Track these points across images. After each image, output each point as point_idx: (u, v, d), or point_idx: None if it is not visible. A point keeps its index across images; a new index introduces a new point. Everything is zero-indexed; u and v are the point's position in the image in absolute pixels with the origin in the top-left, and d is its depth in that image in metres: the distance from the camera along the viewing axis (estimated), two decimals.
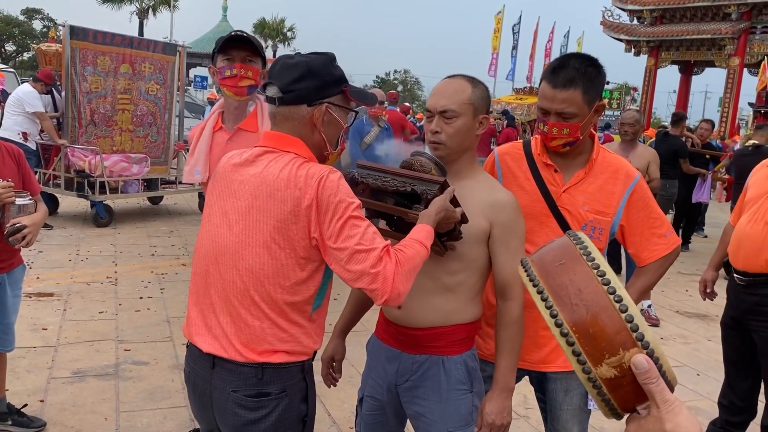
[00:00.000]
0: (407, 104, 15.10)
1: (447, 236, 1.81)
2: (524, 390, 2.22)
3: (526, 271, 0.92)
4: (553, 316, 0.84)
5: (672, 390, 0.81)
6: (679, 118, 8.18)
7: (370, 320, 2.22)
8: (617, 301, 0.81)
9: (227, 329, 1.67)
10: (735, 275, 3.08)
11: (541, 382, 2.21)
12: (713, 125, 9.88)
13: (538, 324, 2.01)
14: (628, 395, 0.81)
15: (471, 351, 1.96)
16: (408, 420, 2.05)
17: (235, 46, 2.47)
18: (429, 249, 1.68)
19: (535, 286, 0.88)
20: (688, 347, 5.17)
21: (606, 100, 2.18)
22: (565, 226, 2.06)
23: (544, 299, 0.86)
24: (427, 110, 1.93)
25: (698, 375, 4.55)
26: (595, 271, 0.85)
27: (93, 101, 7.88)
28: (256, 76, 2.50)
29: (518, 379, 2.20)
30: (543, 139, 2.07)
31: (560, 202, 2.08)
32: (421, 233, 1.68)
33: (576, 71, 1.94)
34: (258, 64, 2.52)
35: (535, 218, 2.06)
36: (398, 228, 1.92)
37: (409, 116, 12.92)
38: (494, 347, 1.94)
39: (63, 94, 7.83)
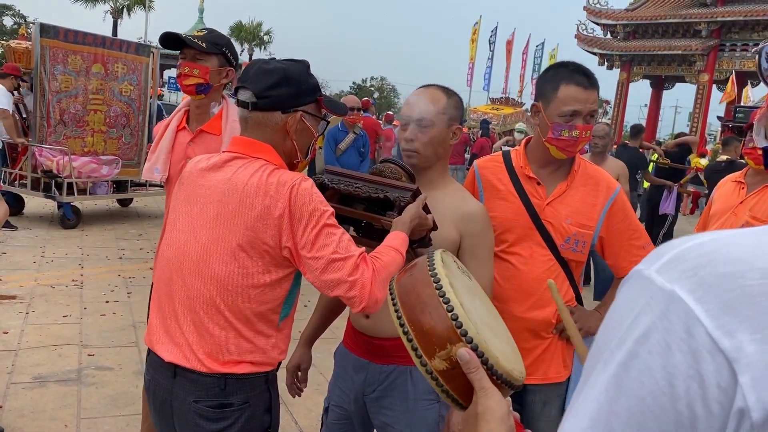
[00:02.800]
0: (391, 112, 15.14)
1: (418, 243, 1.81)
2: None
3: (389, 287, 1.06)
4: (399, 317, 0.97)
5: (513, 384, 0.92)
6: (637, 130, 8.34)
7: (339, 328, 2.21)
8: (445, 303, 0.93)
9: (190, 338, 1.63)
10: None
11: (519, 394, 2.21)
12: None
13: (514, 337, 2.02)
14: (463, 386, 0.90)
15: None
16: (374, 430, 2.04)
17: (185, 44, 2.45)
18: (404, 256, 1.68)
19: (391, 295, 1.02)
20: None
21: None
22: (548, 239, 2.06)
23: (394, 303, 1.00)
24: (402, 119, 1.94)
25: None
26: (432, 278, 0.98)
27: (63, 101, 7.74)
28: (205, 75, 2.46)
29: None
30: (566, 146, 1.99)
31: (544, 215, 2.07)
32: (396, 240, 1.67)
33: (590, 73, 2.00)
34: (210, 62, 2.48)
35: (518, 231, 2.06)
36: (366, 234, 1.92)
37: (389, 125, 12.94)
38: None
39: (30, 93, 7.68)
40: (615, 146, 9.36)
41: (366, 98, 11.94)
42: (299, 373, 2.17)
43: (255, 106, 1.65)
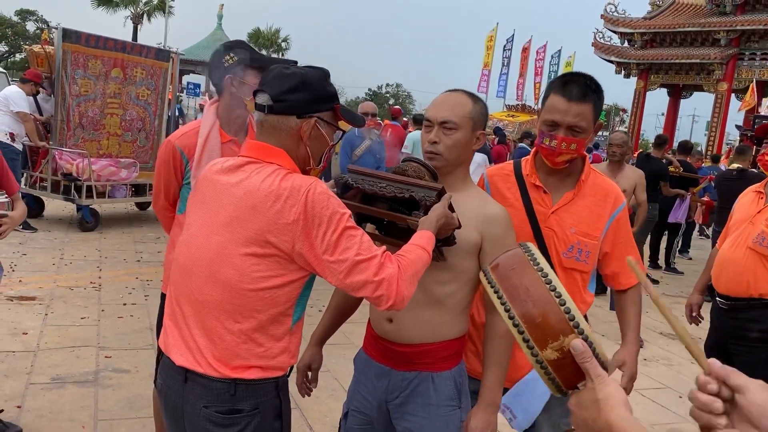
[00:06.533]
0: (405, 119, 15.13)
1: (443, 242, 1.82)
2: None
3: (486, 276, 1.11)
4: (507, 310, 1.02)
5: (607, 369, 0.98)
6: (662, 141, 8.26)
7: (353, 333, 2.22)
8: (557, 297, 1.00)
9: (200, 342, 1.63)
10: (718, 299, 3.11)
11: None
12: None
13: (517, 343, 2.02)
14: (569, 374, 0.98)
15: (459, 366, 1.96)
16: None
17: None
18: (431, 254, 1.68)
19: (492, 287, 1.08)
20: (671, 369, 5.19)
21: (602, 121, 2.22)
22: (544, 250, 2.07)
23: (499, 297, 1.05)
24: (426, 120, 1.94)
25: (680, 397, 4.56)
26: (540, 273, 1.04)
27: (82, 104, 7.84)
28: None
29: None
30: (547, 154, 2.05)
31: (548, 223, 2.08)
32: (423, 239, 1.67)
33: (588, 87, 1.98)
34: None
35: (520, 239, 2.06)
36: (389, 233, 1.92)
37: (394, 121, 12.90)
38: (476, 363, 1.94)
39: (52, 96, 7.78)
40: (635, 155, 9.30)
41: (397, 106, 11.93)
42: (309, 373, 2.17)
43: (271, 110, 1.65)
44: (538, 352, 0.98)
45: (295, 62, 2.04)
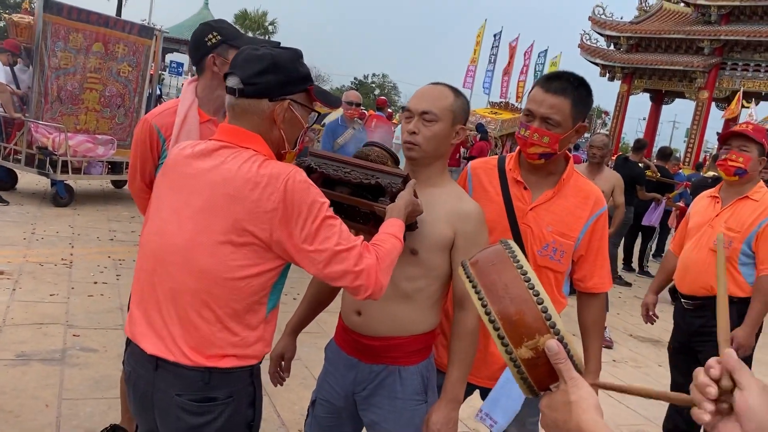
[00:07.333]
0: (390, 110, 15.09)
1: (406, 228, 1.81)
2: (476, 403, 2.22)
3: (465, 270, 1.10)
4: (484, 306, 1.02)
5: (581, 372, 0.97)
6: (641, 145, 8.36)
7: (326, 322, 2.21)
8: (536, 296, 1.00)
9: (174, 331, 1.59)
10: (682, 300, 3.22)
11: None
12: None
13: (488, 340, 2.03)
14: (543, 375, 0.98)
15: (427, 361, 1.96)
16: (364, 428, 2.04)
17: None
18: (403, 242, 1.68)
19: (471, 282, 1.06)
20: (638, 371, 5.26)
21: (585, 124, 2.22)
22: (520, 245, 2.07)
23: (477, 293, 1.04)
24: (407, 110, 1.92)
25: (647, 399, 4.62)
26: (519, 271, 1.04)
27: (61, 78, 7.69)
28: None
29: (470, 392, 2.20)
30: (521, 145, 2.07)
31: (525, 220, 2.09)
32: (394, 227, 1.67)
33: (569, 84, 2.00)
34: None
35: (497, 233, 2.06)
36: (348, 216, 1.90)
37: (380, 111, 12.86)
38: (447, 357, 1.94)
39: (29, 68, 7.62)
40: (613, 158, 9.39)
41: (382, 97, 11.89)
42: (282, 363, 2.16)
43: (242, 93, 1.61)
44: (513, 349, 0.97)
45: (278, 43, 1.99)
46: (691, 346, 3.16)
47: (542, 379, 0.98)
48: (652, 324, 3.60)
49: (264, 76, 1.60)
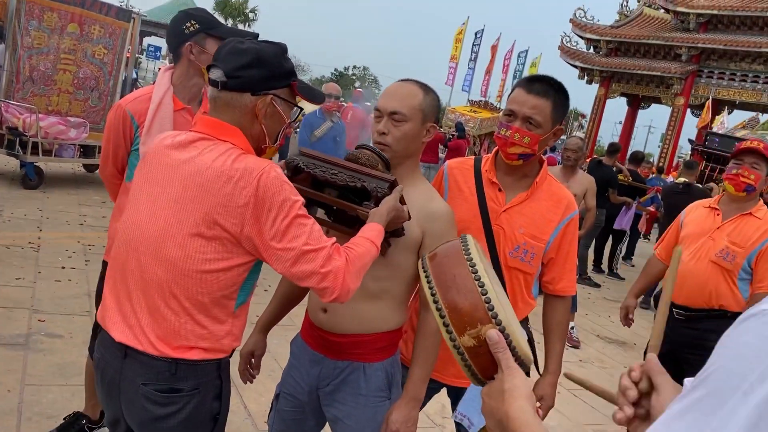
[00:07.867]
0: (369, 103, 15.05)
1: (392, 233, 1.81)
2: (443, 400, 2.23)
3: (422, 262, 1.16)
4: (433, 295, 1.07)
5: (523, 364, 1.01)
6: (615, 149, 8.46)
7: (297, 315, 2.20)
8: (480, 287, 1.04)
9: (143, 320, 1.59)
10: (674, 310, 3.22)
11: (457, 396, 2.23)
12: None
13: None
14: (486, 363, 1.01)
15: (392, 358, 1.96)
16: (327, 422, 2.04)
17: None
18: (379, 248, 1.67)
19: (425, 273, 1.12)
20: (604, 372, 5.34)
21: (562, 127, 2.26)
22: (492, 246, 2.09)
23: (428, 283, 1.09)
24: (376, 110, 1.91)
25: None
26: (469, 263, 1.08)
27: (34, 57, 7.52)
28: None
29: (437, 390, 2.22)
30: (501, 144, 2.07)
31: (498, 221, 2.10)
32: (372, 232, 1.66)
33: (551, 87, 2.03)
34: None
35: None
36: (337, 219, 1.90)
37: (357, 104, 12.76)
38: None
39: (2, 46, 7.45)
40: (588, 161, 9.49)
41: (359, 89, 11.81)
42: (252, 360, 2.15)
43: (224, 86, 1.59)
44: (456, 337, 1.01)
45: (257, 35, 1.97)
46: (678, 355, 3.13)
47: (485, 368, 1.01)
48: (629, 327, 3.62)
49: (248, 70, 1.59)
